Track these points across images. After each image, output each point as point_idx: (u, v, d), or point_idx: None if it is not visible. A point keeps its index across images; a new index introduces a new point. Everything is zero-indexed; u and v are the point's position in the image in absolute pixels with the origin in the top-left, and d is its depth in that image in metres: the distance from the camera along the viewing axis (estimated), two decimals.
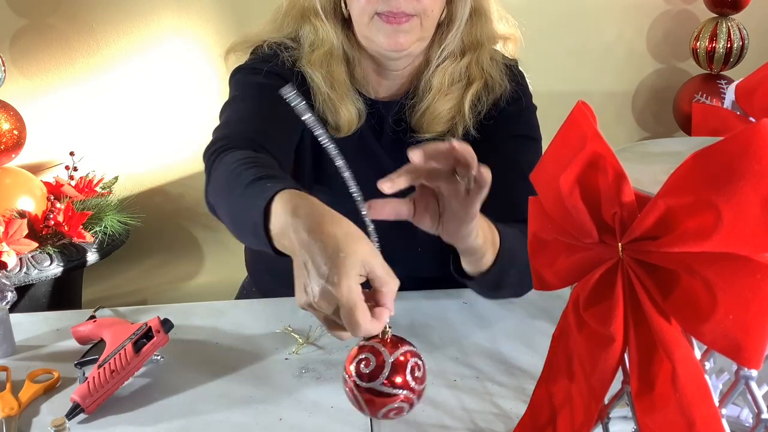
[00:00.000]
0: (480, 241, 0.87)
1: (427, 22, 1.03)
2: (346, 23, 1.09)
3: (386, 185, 0.74)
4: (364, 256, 0.65)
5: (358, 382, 0.62)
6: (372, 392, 0.62)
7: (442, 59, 1.09)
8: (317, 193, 0.76)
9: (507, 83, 1.12)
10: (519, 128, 1.13)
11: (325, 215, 0.69)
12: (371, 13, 1.01)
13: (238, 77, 1.12)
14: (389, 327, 0.63)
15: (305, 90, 1.08)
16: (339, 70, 1.08)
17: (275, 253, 0.75)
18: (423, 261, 1.09)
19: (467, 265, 0.93)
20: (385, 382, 0.61)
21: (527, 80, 1.20)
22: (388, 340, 0.64)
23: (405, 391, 0.62)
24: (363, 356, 0.63)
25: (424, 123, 1.10)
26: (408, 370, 0.62)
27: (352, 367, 0.63)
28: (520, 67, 1.20)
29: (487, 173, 0.75)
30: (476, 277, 0.93)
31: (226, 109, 1.08)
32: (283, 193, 0.74)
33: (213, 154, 0.96)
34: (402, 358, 0.62)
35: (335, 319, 0.65)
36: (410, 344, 0.64)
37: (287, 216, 0.71)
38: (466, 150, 0.73)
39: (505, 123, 1.12)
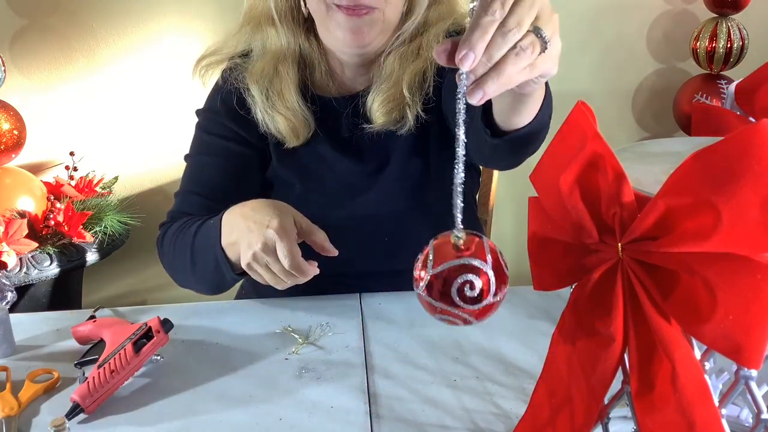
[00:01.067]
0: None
1: (389, 13, 0.99)
2: (305, 25, 1.08)
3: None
4: (294, 212, 0.88)
5: (415, 282, 0.55)
6: (420, 297, 0.55)
7: (396, 45, 1.06)
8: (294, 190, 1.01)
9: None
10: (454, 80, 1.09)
11: (257, 200, 0.91)
12: (328, 3, 0.97)
13: (198, 122, 1.17)
14: (462, 233, 0.53)
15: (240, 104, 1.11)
16: (289, 73, 1.07)
17: (233, 273, 0.96)
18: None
19: (508, 116, 0.78)
20: (429, 291, 0.53)
21: None
22: (461, 245, 0.53)
23: (451, 307, 0.53)
24: (425, 254, 0.54)
25: (371, 114, 1.07)
26: (455, 288, 0.52)
27: (419, 261, 0.55)
28: None
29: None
30: (512, 132, 0.80)
31: (186, 169, 1.15)
32: (224, 215, 0.94)
33: (161, 235, 1.11)
34: (451, 272, 0.53)
35: (275, 272, 0.87)
36: (480, 254, 0.53)
37: (231, 216, 0.92)
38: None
39: (449, 87, 1.03)
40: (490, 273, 0.52)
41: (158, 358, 0.92)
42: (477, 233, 0.54)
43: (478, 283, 0.52)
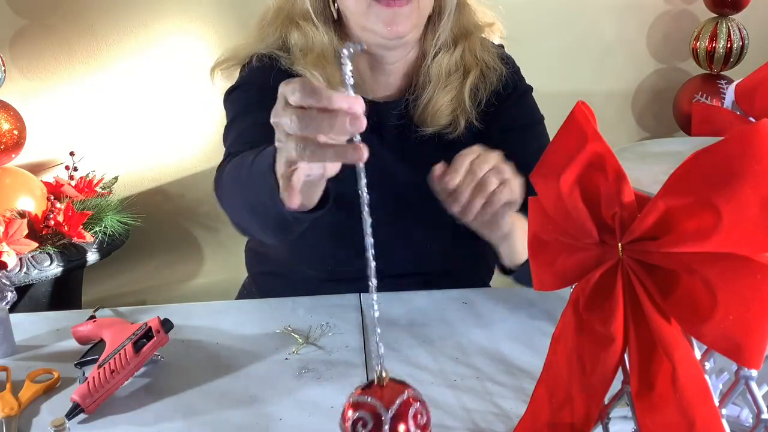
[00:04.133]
0: (509, 229, 0.93)
1: (424, 3, 1.03)
2: (335, 24, 1.09)
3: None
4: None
5: None
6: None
7: (437, 50, 1.09)
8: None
9: (501, 68, 1.13)
10: (520, 115, 1.14)
11: None
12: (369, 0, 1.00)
13: (231, 97, 1.11)
14: (385, 372, 0.55)
15: None
16: (334, 72, 1.07)
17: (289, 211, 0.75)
18: (424, 253, 1.10)
19: (504, 257, 0.99)
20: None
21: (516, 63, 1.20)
22: (385, 385, 0.55)
23: None
24: (357, 416, 0.53)
25: (426, 117, 1.09)
26: (410, 419, 0.53)
27: (349, 426, 0.54)
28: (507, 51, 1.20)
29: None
30: (515, 270, 0.99)
31: (228, 135, 1.06)
32: None
33: (218, 176, 0.98)
34: (401, 409, 0.53)
35: (310, 133, 0.60)
36: (409, 387, 0.55)
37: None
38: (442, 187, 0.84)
39: (505, 110, 1.13)
40: (419, 395, 0.54)
41: (158, 358, 0.92)
42: (405, 383, 0.55)
43: (422, 409, 0.53)
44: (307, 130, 0.59)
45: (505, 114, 1.13)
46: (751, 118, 0.78)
